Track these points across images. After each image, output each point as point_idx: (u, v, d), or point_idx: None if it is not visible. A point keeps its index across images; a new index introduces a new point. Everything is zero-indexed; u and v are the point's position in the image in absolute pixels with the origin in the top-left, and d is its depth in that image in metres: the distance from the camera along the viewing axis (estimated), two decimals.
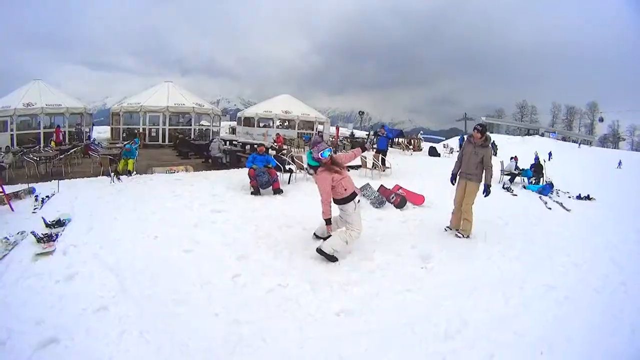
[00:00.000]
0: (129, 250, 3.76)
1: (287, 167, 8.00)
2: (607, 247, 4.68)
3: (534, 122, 59.50)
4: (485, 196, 4.56)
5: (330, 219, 3.77)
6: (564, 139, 41.10)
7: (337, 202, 3.78)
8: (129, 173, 7.83)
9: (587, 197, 8.09)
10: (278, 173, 6.98)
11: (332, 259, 3.70)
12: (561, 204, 7.20)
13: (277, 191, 6.48)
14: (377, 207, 5.91)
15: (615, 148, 49.64)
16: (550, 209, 6.87)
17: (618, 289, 3.43)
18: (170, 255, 3.73)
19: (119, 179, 7.35)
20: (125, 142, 12.18)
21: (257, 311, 2.76)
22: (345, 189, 3.70)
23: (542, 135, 40.68)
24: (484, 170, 4.55)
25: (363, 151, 4.28)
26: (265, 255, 3.85)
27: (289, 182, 7.47)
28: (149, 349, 2.28)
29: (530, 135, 39.78)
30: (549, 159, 21.70)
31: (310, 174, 3.92)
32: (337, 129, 16.45)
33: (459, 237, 4.60)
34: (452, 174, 4.82)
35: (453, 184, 4.82)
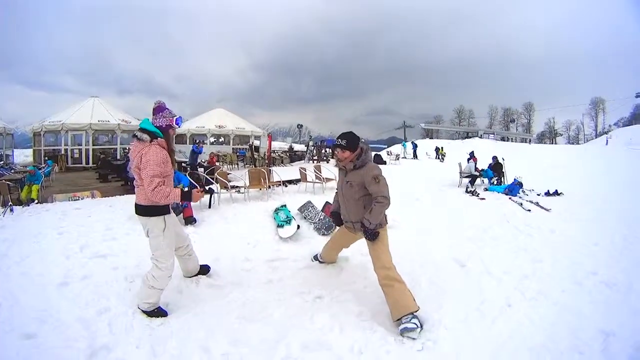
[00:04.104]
0: None
1: (206, 187, 6.32)
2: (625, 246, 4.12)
3: (472, 125, 59.69)
4: (368, 239, 2.69)
5: None
6: (502, 139, 42.36)
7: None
8: (31, 201, 6.72)
9: (556, 193, 7.64)
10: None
11: (154, 313, 2.57)
12: (537, 204, 6.55)
13: (189, 220, 4.95)
14: (323, 234, 4.52)
15: (552, 143, 53.51)
16: (529, 210, 6.16)
17: None
18: None
19: (11, 210, 6.08)
20: (33, 165, 10.29)
21: None
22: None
23: (481, 137, 41.29)
24: (373, 204, 2.62)
25: None
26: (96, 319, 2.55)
27: (209, 206, 5.94)
28: None
29: (470, 138, 40.15)
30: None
31: None
32: (270, 138, 15.33)
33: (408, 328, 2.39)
34: (332, 213, 3.17)
35: (339, 226, 3.20)
